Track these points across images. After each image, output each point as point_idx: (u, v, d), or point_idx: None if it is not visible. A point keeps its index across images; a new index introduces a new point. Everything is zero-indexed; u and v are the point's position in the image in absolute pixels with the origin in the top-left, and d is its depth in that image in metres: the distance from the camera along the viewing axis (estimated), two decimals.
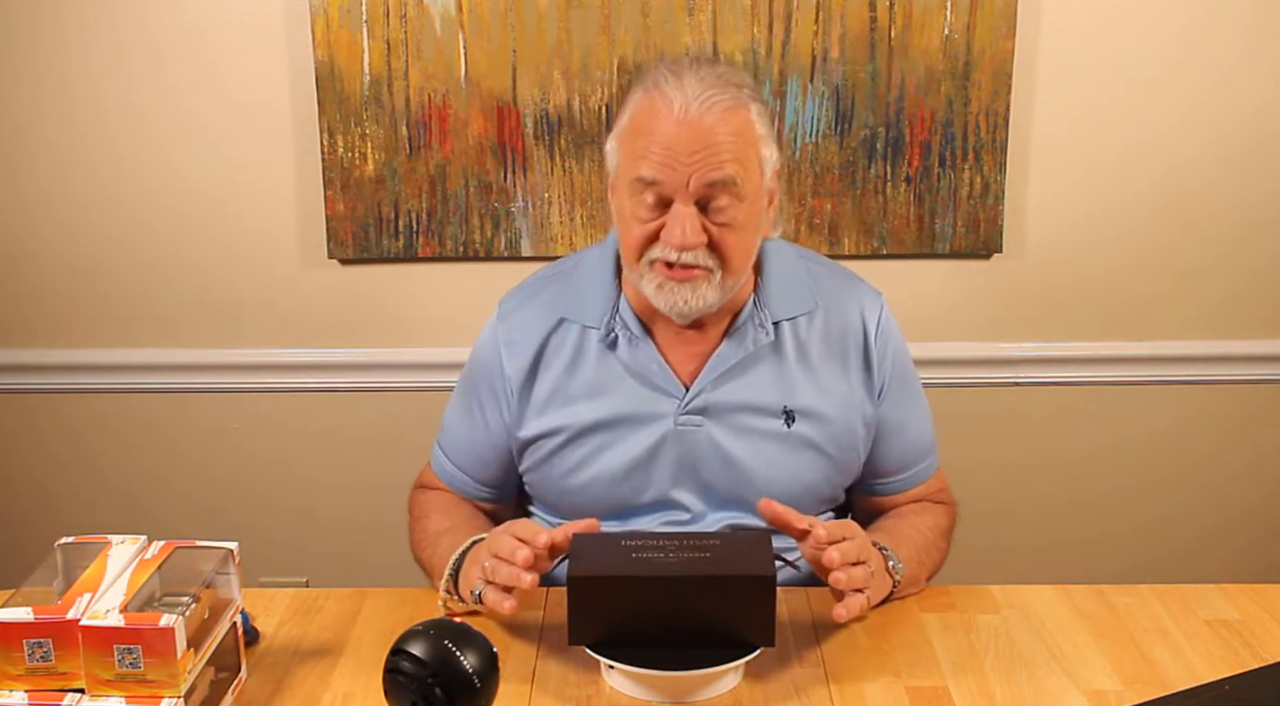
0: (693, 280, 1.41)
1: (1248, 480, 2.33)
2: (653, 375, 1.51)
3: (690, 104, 1.36)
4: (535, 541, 1.30)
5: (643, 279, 1.44)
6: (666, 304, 1.43)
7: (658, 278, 1.42)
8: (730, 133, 1.38)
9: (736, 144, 1.38)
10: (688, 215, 1.38)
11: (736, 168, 1.38)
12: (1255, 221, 2.20)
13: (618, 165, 1.44)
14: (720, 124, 1.37)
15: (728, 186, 1.38)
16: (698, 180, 1.37)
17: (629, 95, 1.45)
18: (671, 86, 1.38)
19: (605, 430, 1.52)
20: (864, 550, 1.34)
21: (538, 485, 1.59)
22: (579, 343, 1.53)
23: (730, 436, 1.51)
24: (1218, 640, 1.37)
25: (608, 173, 1.49)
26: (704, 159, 1.36)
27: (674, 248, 1.39)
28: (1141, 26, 2.09)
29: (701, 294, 1.42)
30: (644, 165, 1.38)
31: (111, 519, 2.21)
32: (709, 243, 1.40)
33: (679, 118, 1.36)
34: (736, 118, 1.38)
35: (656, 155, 1.37)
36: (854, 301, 1.56)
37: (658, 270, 1.42)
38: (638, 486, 1.52)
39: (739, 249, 1.42)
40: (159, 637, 1.12)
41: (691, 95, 1.37)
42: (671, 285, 1.42)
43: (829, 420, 1.52)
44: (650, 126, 1.38)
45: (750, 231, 1.43)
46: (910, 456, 1.60)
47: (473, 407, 1.60)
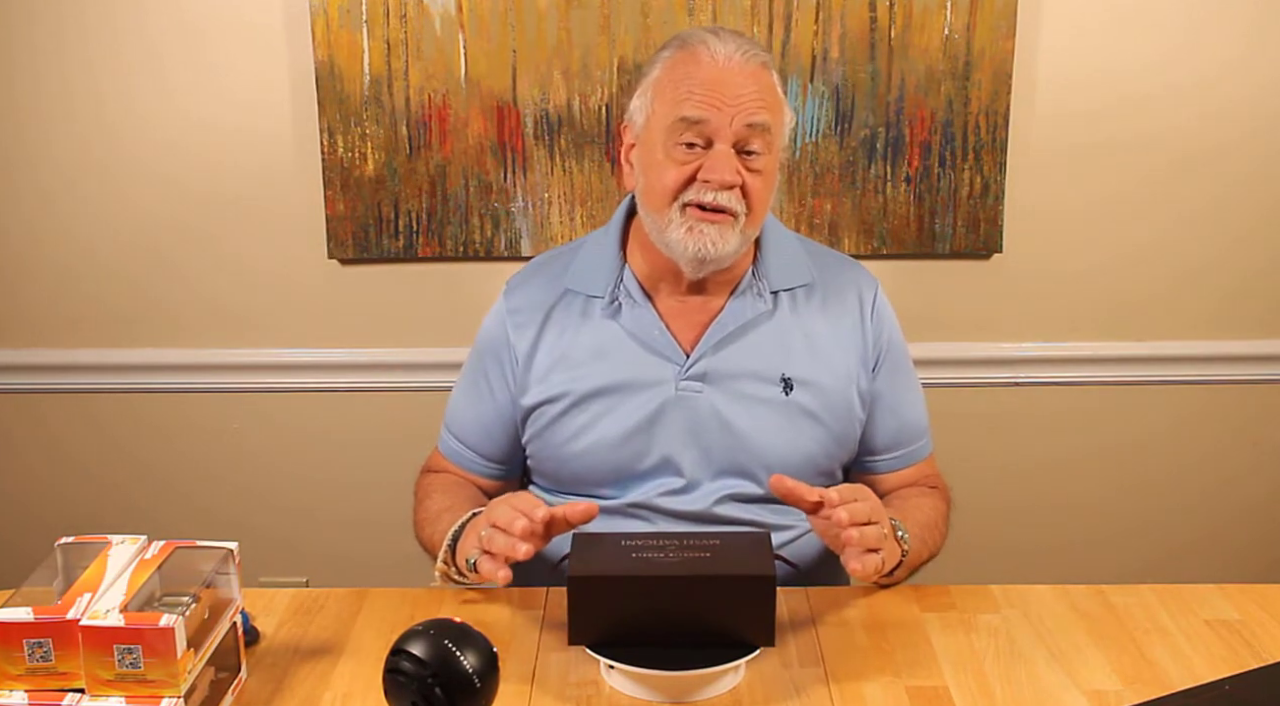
0: (720, 223, 1.46)
1: (1248, 480, 2.33)
2: (654, 341, 1.54)
3: (732, 54, 1.46)
4: (533, 514, 1.31)
5: (670, 224, 1.48)
6: (695, 246, 1.47)
7: (688, 220, 1.47)
8: (764, 86, 1.47)
9: (769, 97, 1.47)
10: (729, 154, 1.45)
11: (770, 116, 1.46)
12: (1255, 221, 2.20)
13: (650, 115, 1.50)
14: (756, 76, 1.46)
15: (763, 132, 1.46)
16: (740, 120, 1.44)
17: (655, 57, 1.52)
18: (712, 41, 1.47)
19: (606, 395, 1.54)
20: (876, 512, 1.35)
21: (539, 455, 1.60)
22: (583, 311, 1.57)
23: (730, 402, 1.53)
24: (1218, 640, 1.37)
25: (628, 131, 1.54)
26: (746, 101, 1.44)
27: (714, 185, 1.45)
28: (1141, 26, 2.09)
29: (727, 238, 1.47)
30: (688, 105, 1.44)
31: (111, 519, 2.21)
32: (741, 186, 1.46)
33: (723, 64, 1.45)
34: (768, 76, 1.48)
35: (701, 96, 1.44)
36: (851, 280, 1.61)
37: (689, 214, 1.47)
38: (638, 451, 1.54)
39: (763, 197, 1.49)
40: (159, 637, 1.12)
41: (731, 48, 1.46)
42: (702, 227, 1.46)
43: (826, 390, 1.55)
44: (692, 72, 1.46)
45: (771, 186, 1.51)
46: (904, 436, 1.63)
47: (479, 381, 1.63)
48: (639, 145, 1.52)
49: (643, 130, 1.51)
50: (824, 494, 1.33)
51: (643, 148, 1.51)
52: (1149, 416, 2.29)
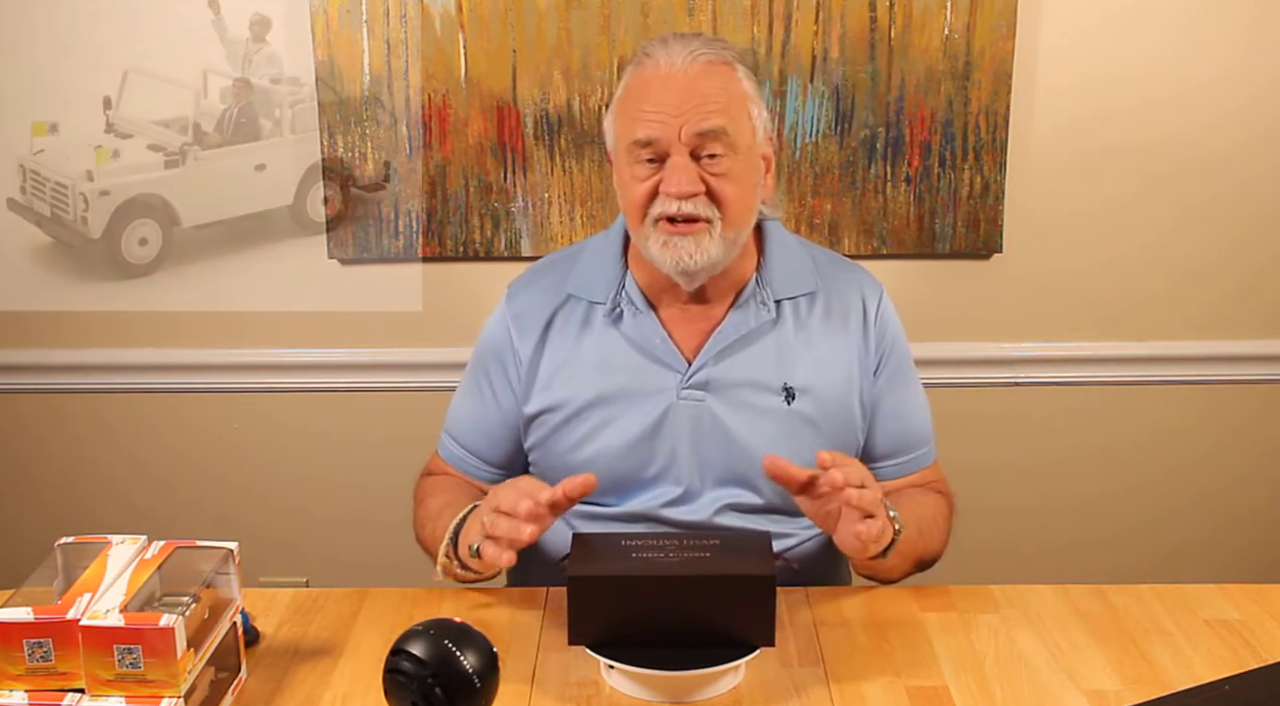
0: (695, 234, 1.45)
1: (1248, 480, 2.33)
2: (656, 349, 1.53)
3: (675, 61, 1.44)
4: (538, 495, 1.30)
5: (648, 240, 1.47)
6: (672, 260, 1.46)
7: (662, 235, 1.46)
8: (716, 86, 1.44)
9: (723, 96, 1.44)
10: (683, 165, 1.43)
11: (725, 118, 1.43)
12: (1255, 220, 2.20)
13: (615, 136, 1.50)
14: (705, 77, 1.44)
15: (719, 136, 1.43)
16: (689, 130, 1.42)
17: (623, 77, 1.51)
18: (659, 52, 1.45)
19: (609, 404, 1.54)
20: (868, 478, 1.33)
21: (542, 462, 1.60)
22: (585, 318, 1.57)
23: (731, 412, 1.52)
24: (1218, 640, 1.37)
25: (608, 149, 1.54)
26: (693, 108, 1.42)
27: (673, 196, 1.43)
28: (1141, 26, 2.09)
29: (705, 248, 1.45)
30: (638, 126, 1.44)
31: (111, 519, 2.20)
32: (708, 192, 1.44)
33: (665, 74, 1.44)
34: (722, 72, 1.45)
35: (648, 114, 1.43)
36: (855, 286, 1.60)
37: (661, 228, 1.46)
38: (641, 460, 1.54)
39: (737, 200, 1.46)
40: (159, 637, 1.12)
41: (676, 54, 1.44)
42: (675, 240, 1.45)
43: (828, 398, 1.54)
44: (640, 92, 1.45)
45: (747, 186, 1.48)
46: (906, 442, 1.61)
47: (482, 386, 1.62)
48: (613, 164, 1.53)
49: (612, 151, 1.52)
50: (819, 459, 1.31)
51: (615, 167, 1.52)
52: (1149, 416, 2.29)
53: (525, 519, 1.30)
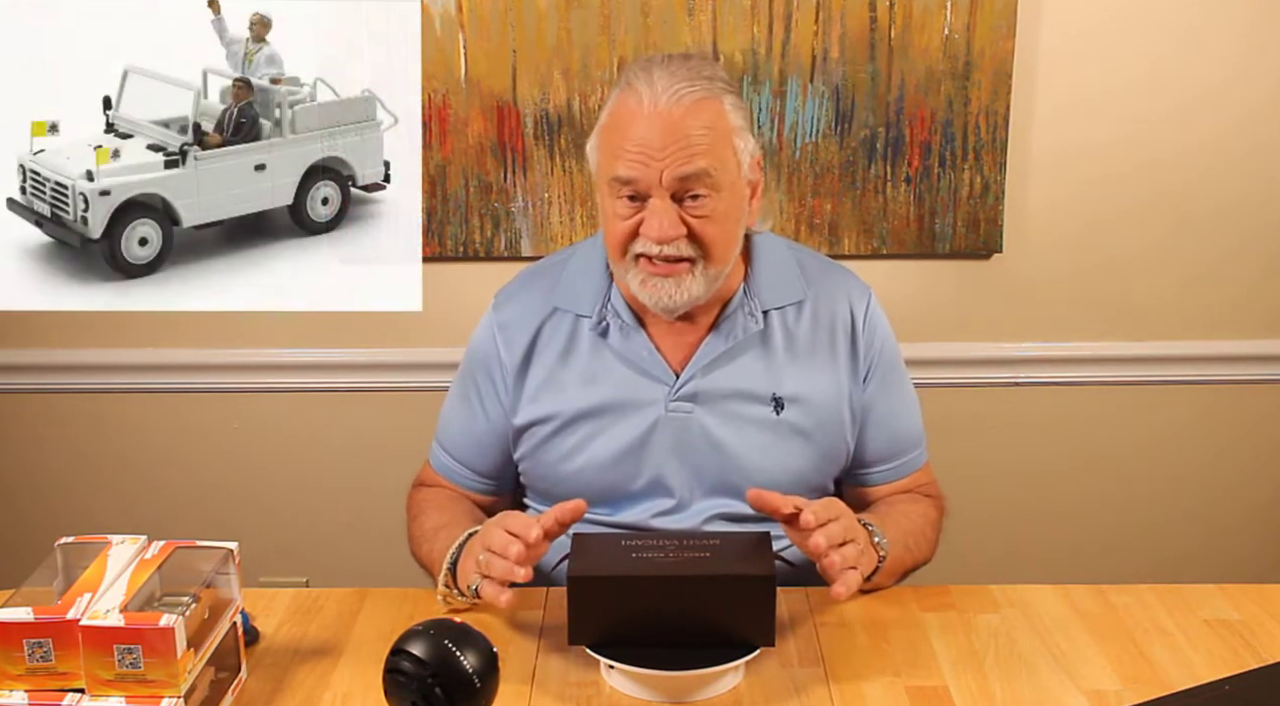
0: (676, 275, 1.44)
1: (1248, 480, 2.33)
2: (644, 362, 1.53)
3: (659, 99, 1.39)
4: (527, 536, 1.31)
5: (628, 274, 1.47)
6: (652, 299, 1.46)
7: (641, 273, 1.45)
8: (702, 125, 1.40)
9: (708, 136, 1.41)
10: (664, 209, 1.41)
11: (709, 160, 1.40)
12: (1256, 221, 2.19)
13: (597, 166, 1.48)
14: (690, 117, 1.40)
15: (701, 178, 1.41)
16: (670, 174, 1.40)
17: (608, 98, 1.48)
18: (642, 83, 1.41)
19: (597, 417, 1.53)
20: (850, 529, 1.35)
21: (531, 472, 1.60)
22: (572, 331, 1.56)
23: (720, 423, 1.52)
24: (1218, 640, 1.37)
25: (590, 172, 1.52)
26: (675, 152, 1.39)
27: (653, 241, 1.42)
28: (1142, 26, 2.09)
29: (686, 287, 1.45)
30: (619, 164, 1.41)
31: (111, 519, 2.20)
32: (689, 234, 1.42)
33: (649, 113, 1.40)
34: (708, 109, 1.41)
35: (629, 153, 1.40)
36: (842, 292, 1.59)
37: (641, 266, 1.45)
38: (629, 473, 1.53)
39: (719, 239, 1.44)
40: (159, 637, 1.12)
41: (660, 89, 1.40)
42: (655, 280, 1.44)
43: (817, 407, 1.54)
44: (622, 125, 1.42)
45: (730, 222, 1.46)
46: (897, 446, 1.61)
47: (470, 397, 1.62)
48: (596, 189, 1.51)
49: (595, 176, 1.50)
50: (798, 507, 1.33)
51: (597, 193, 1.50)
52: (1149, 417, 2.29)
53: (516, 562, 1.30)
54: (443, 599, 1.44)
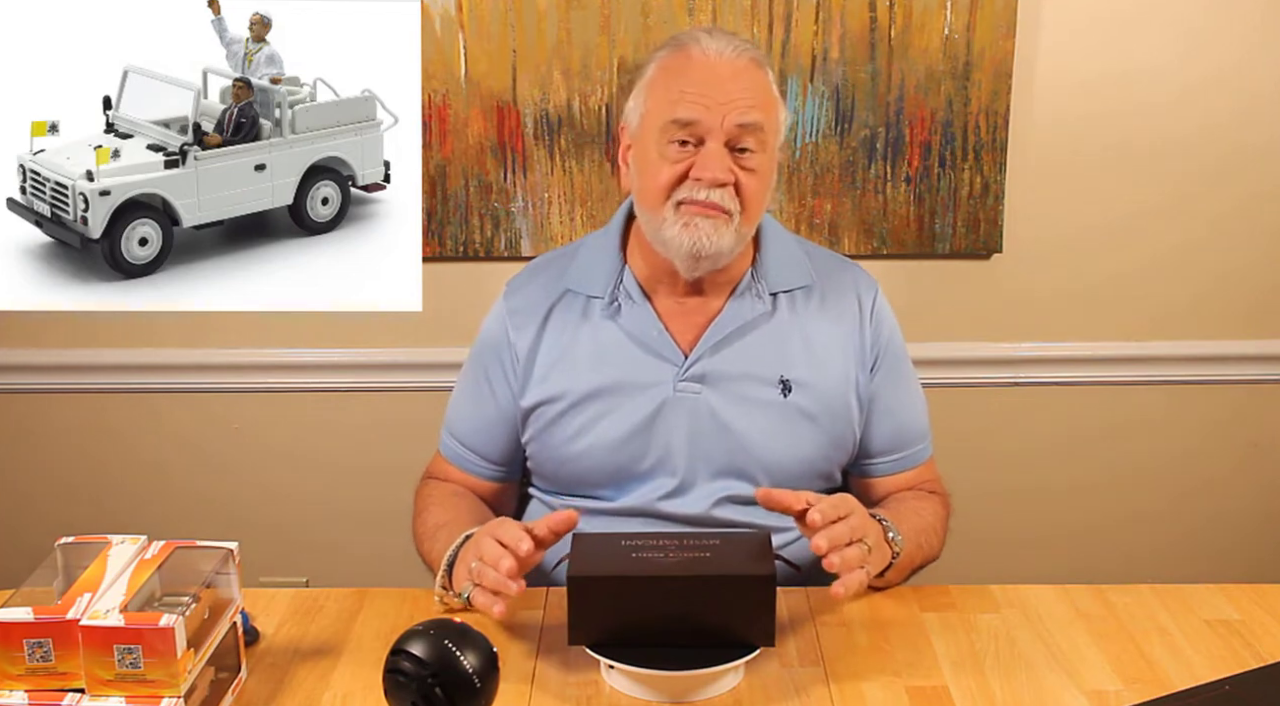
0: (715, 218, 1.46)
1: (1248, 480, 2.33)
2: (652, 341, 1.54)
3: (724, 51, 1.46)
4: (518, 548, 1.31)
5: (665, 222, 1.48)
6: (690, 241, 1.46)
7: (683, 217, 1.47)
8: (757, 84, 1.47)
9: (761, 96, 1.47)
10: (720, 153, 1.45)
11: (762, 115, 1.46)
12: (1257, 222, 2.20)
13: (645, 114, 1.50)
14: (747, 74, 1.47)
15: (756, 131, 1.46)
16: (731, 120, 1.44)
17: (649, 58, 1.52)
18: (704, 39, 1.47)
19: (605, 396, 1.54)
20: (858, 529, 1.34)
21: (538, 455, 1.60)
22: (583, 312, 1.58)
23: (728, 404, 1.53)
24: (1218, 640, 1.37)
25: (624, 134, 1.54)
26: (737, 102, 1.44)
27: (706, 183, 1.45)
28: (1141, 25, 2.09)
29: (722, 234, 1.47)
30: (680, 106, 1.45)
31: (111, 519, 2.21)
32: (735, 184, 1.46)
33: (714, 62, 1.46)
34: (760, 73, 1.49)
35: (692, 95, 1.44)
36: (850, 282, 1.61)
37: (684, 210, 1.47)
38: (636, 453, 1.54)
39: (758, 195, 1.48)
40: (159, 637, 1.12)
41: (723, 45, 1.47)
42: (697, 221, 1.46)
43: (824, 392, 1.55)
44: (684, 72, 1.46)
45: (766, 183, 1.50)
46: (902, 438, 1.62)
47: (480, 382, 1.63)
48: (635, 144, 1.53)
49: (638, 130, 1.52)
50: (810, 499, 1.33)
51: (638, 147, 1.52)
52: (1149, 416, 2.29)
53: (507, 576, 1.30)
54: (439, 601, 1.44)
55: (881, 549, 1.40)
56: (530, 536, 1.32)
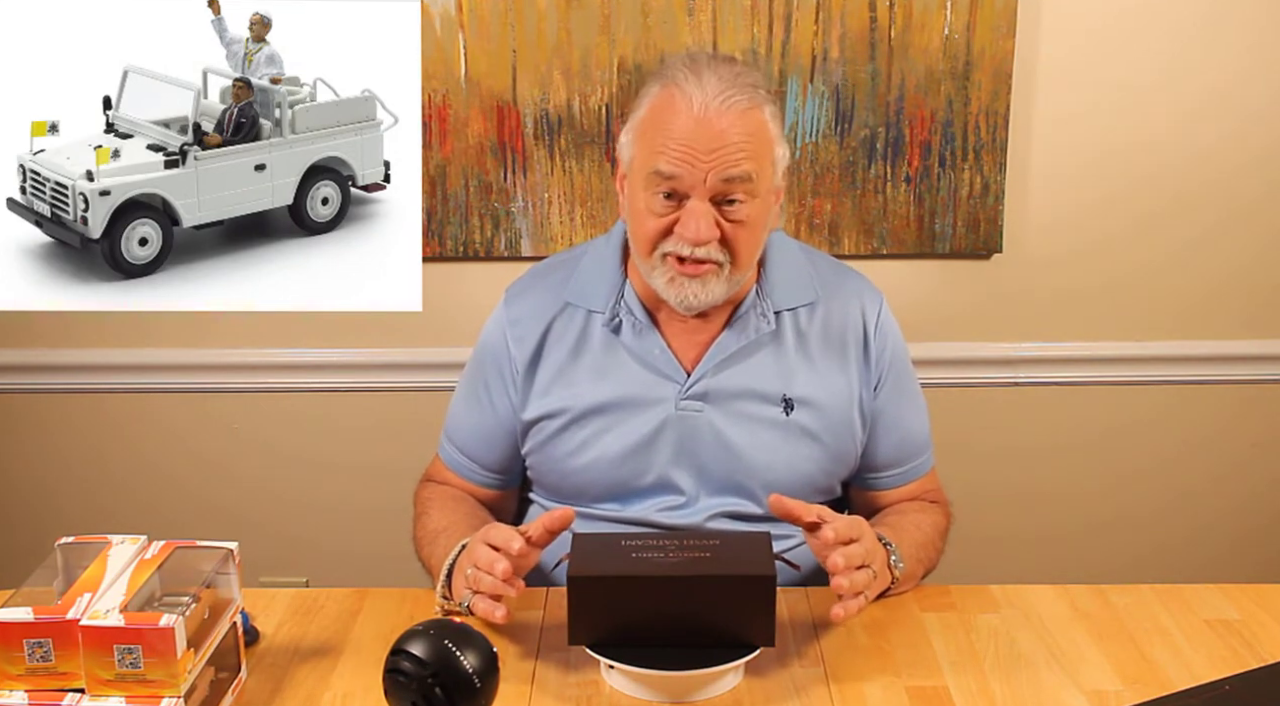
0: (702, 275, 1.44)
1: (1248, 480, 2.33)
2: (655, 360, 1.53)
3: (710, 102, 1.40)
4: (510, 549, 1.31)
5: (654, 272, 1.47)
6: (676, 297, 1.46)
7: (669, 271, 1.45)
8: (746, 132, 1.41)
9: (752, 143, 1.41)
10: (703, 211, 1.41)
11: (752, 166, 1.41)
12: (1258, 222, 2.19)
13: (633, 158, 1.47)
14: (738, 123, 1.40)
15: (743, 183, 1.41)
16: (714, 176, 1.40)
17: (644, 88, 1.47)
18: (691, 84, 1.41)
19: (607, 413, 1.53)
20: (870, 553, 1.35)
21: (539, 467, 1.60)
22: (584, 327, 1.56)
23: (730, 422, 1.52)
24: (1218, 640, 1.37)
25: (620, 163, 1.51)
26: (721, 156, 1.40)
27: (688, 243, 1.42)
28: (1142, 26, 2.09)
29: (710, 288, 1.45)
30: (662, 160, 1.41)
31: (111, 519, 2.21)
32: (721, 238, 1.43)
33: (699, 115, 1.40)
34: (753, 118, 1.42)
35: (675, 151, 1.40)
36: (855, 296, 1.59)
37: (669, 264, 1.45)
38: (637, 469, 1.54)
39: (749, 245, 1.46)
40: (159, 637, 1.12)
41: (711, 93, 1.40)
42: (682, 280, 1.45)
43: (827, 409, 1.54)
44: (669, 122, 1.41)
45: (760, 229, 1.47)
46: (904, 452, 1.62)
47: (479, 392, 1.62)
48: (627, 181, 1.51)
49: (628, 169, 1.49)
50: (821, 517, 1.33)
51: (629, 186, 1.50)
52: (1149, 417, 2.28)
53: (503, 579, 1.30)
54: (440, 608, 1.44)
55: (884, 574, 1.41)
56: (525, 537, 1.32)
